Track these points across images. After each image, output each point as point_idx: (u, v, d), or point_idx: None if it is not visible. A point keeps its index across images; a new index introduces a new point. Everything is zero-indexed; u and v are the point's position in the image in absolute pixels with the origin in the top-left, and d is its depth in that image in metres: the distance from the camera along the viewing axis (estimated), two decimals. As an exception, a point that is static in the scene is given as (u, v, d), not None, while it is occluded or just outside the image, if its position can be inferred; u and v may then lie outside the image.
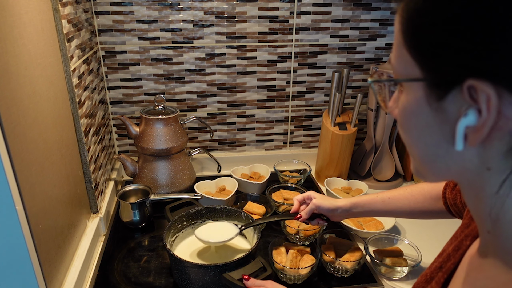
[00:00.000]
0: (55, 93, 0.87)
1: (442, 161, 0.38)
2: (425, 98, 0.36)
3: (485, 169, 0.36)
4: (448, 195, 0.78)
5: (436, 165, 0.40)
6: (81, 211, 1.02)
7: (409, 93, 0.38)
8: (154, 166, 1.27)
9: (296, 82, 1.45)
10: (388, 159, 1.41)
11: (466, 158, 0.37)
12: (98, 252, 1.06)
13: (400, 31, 0.37)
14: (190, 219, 1.08)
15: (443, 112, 0.36)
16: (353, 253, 0.97)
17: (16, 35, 0.69)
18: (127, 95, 1.38)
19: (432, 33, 0.34)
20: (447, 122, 0.36)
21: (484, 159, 0.36)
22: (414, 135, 0.40)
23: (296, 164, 1.46)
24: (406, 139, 0.42)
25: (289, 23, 1.36)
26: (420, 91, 0.37)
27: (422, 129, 0.38)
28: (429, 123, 0.37)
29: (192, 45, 1.34)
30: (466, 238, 0.52)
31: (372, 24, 1.40)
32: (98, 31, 1.28)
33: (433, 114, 0.36)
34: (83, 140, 1.01)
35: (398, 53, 0.38)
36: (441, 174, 0.41)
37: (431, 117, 0.37)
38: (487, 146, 0.35)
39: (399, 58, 0.39)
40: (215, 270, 0.87)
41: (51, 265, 0.79)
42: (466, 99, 0.33)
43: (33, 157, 0.73)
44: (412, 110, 0.38)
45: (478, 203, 0.40)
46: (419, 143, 0.40)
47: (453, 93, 0.34)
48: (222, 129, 1.48)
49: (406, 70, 0.38)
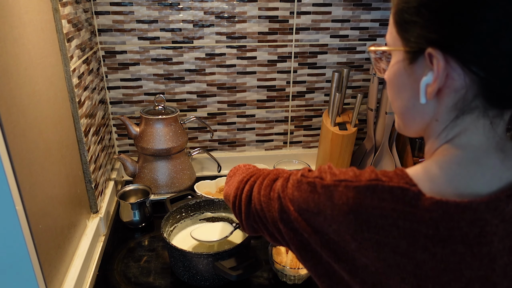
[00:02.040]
0: (55, 93, 0.87)
1: (411, 113, 0.52)
2: (402, 63, 0.50)
3: (434, 120, 0.49)
4: None
5: (407, 116, 0.53)
6: (81, 211, 1.02)
7: (393, 60, 0.52)
8: (154, 166, 1.27)
9: (296, 82, 1.45)
10: (388, 159, 1.41)
11: (425, 111, 0.49)
12: (98, 252, 1.06)
13: (391, 13, 0.51)
14: (189, 210, 1.11)
15: (414, 74, 0.48)
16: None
17: (16, 35, 0.69)
18: (127, 95, 1.38)
19: (407, 13, 0.46)
20: (416, 81, 0.48)
21: (435, 112, 0.48)
22: (395, 91, 0.53)
23: (296, 164, 1.45)
24: (390, 95, 0.54)
25: (289, 23, 1.36)
26: (399, 58, 0.50)
27: (400, 86, 0.51)
28: (404, 82, 0.50)
29: (192, 45, 1.34)
30: None
31: (372, 24, 1.40)
32: (98, 31, 1.27)
33: (407, 75, 0.49)
34: (83, 140, 1.01)
35: (390, 31, 0.52)
36: (410, 125, 0.53)
37: (406, 77, 0.50)
38: (440, 101, 0.47)
39: (390, 35, 0.52)
40: (207, 258, 0.90)
41: (51, 265, 0.79)
42: (427, 63, 0.46)
43: (33, 157, 0.73)
44: (395, 72, 0.51)
45: (426, 145, 0.53)
46: (398, 98, 0.53)
47: (420, 59, 0.47)
48: (222, 129, 1.48)
49: (394, 43, 0.51)
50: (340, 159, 1.37)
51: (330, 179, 0.50)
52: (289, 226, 0.53)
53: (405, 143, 1.42)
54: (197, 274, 0.93)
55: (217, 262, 0.89)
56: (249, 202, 0.64)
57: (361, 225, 0.46)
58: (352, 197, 0.47)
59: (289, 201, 0.53)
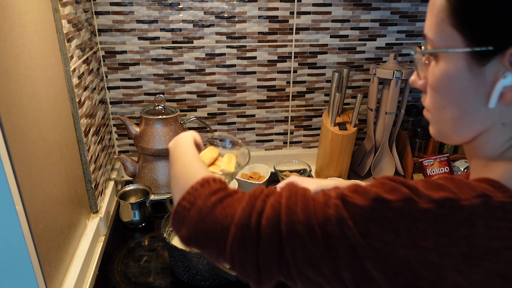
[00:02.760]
0: (55, 93, 0.87)
1: (469, 119, 0.46)
2: (466, 65, 0.44)
3: (499, 124, 0.45)
4: None
5: (463, 123, 0.47)
6: (81, 211, 1.02)
7: (448, 62, 0.46)
8: (154, 166, 1.27)
9: (296, 82, 1.45)
10: (388, 159, 1.41)
11: (488, 116, 0.45)
12: (98, 252, 1.06)
13: (445, 10, 0.45)
14: None
15: (481, 76, 0.43)
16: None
17: (16, 35, 0.69)
18: (127, 95, 1.38)
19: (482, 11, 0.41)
20: (483, 84, 0.43)
21: (503, 116, 0.45)
22: (450, 97, 0.47)
23: (296, 164, 1.45)
24: (440, 101, 0.48)
25: (289, 23, 1.36)
26: (460, 59, 0.44)
27: (458, 91, 0.46)
28: (465, 85, 0.45)
29: (192, 45, 1.34)
30: None
31: (372, 24, 1.40)
32: (98, 31, 1.27)
33: (471, 77, 0.44)
34: (83, 140, 1.01)
35: (439, 29, 0.46)
36: (464, 132, 0.48)
37: (469, 81, 0.44)
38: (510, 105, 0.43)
39: (439, 33, 0.46)
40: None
41: (51, 265, 0.79)
42: (505, 64, 0.41)
43: (33, 157, 0.73)
44: (451, 75, 0.45)
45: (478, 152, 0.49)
46: (453, 104, 0.47)
47: (494, 60, 0.42)
48: (222, 129, 1.48)
49: (447, 42, 0.45)
50: (340, 159, 1.37)
51: (426, 200, 0.40)
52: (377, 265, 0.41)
53: (405, 143, 1.42)
54: (197, 274, 0.93)
55: None
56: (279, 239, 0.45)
57: (470, 253, 0.39)
58: (462, 221, 0.39)
59: (373, 240, 0.40)
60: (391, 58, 1.30)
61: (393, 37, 1.43)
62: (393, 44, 1.44)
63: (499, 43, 0.41)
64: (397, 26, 1.41)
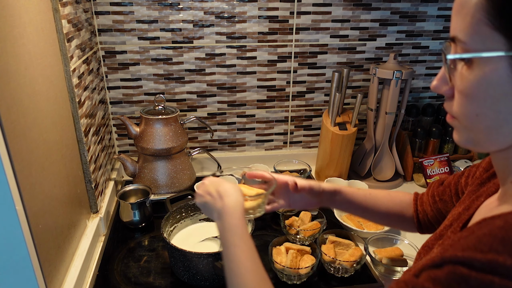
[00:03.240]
0: (55, 93, 0.87)
1: (509, 128, 0.43)
2: (508, 69, 0.40)
3: None
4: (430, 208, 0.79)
5: (500, 131, 0.44)
6: (81, 211, 1.02)
7: (486, 66, 0.42)
8: (154, 166, 1.27)
9: (296, 82, 1.45)
10: (388, 159, 1.41)
11: None
12: (98, 252, 1.06)
13: (484, 10, 0.41)
14: (189, 210, 1.11)
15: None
16: (353, 253, 0.97)
17: (16, 35, 0.69)
18: (127, 95, 1.38)
19: None
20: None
21: None
22: (487, 104, 0.43)
23: (296, 164, 1.45)
24: (474, 109, 0.44)
25: (289, 23, 1.36)
26: (502, 64, 0.41)
27: (498, 98, 0.42)
28: (506, 91, 0.41)
29: (192, 45, 1.34)
30: (478, 198, 0.57)
31: (372, 24, 1.40)
32: (98, 31, 1.28)
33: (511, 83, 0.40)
34: (83, 140, 1.01)
35: (475, 30, 0.42)
36: (499, 141, 0.45)
37: (510, 86, 0.41)
38: None
39: (475, 35, 0.42)
40: (207, 258, 0.90)
41: (51, 265, 0.79)
42: None
43: (33, 157, 0.73)
44: (489, 81, 0.42)
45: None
46: (491, 112, 0.43)
47: None
48: (222, 129, 1.48)
49: (485, 45, 0.41)
50: (340, 159, 1.37)
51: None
52: None
53: (405, 143, 1.42)
54: (197, 274, 0.93)
55: (217, 262, 0.89)
56: None
57: None
58: None
59: None
60: (391, 58, 1.30)
61: (393, 37, 1.43)
62: (393, 44, 1.44)
63: None
64: (397, 26, 1.41)
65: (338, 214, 1.16)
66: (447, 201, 0.76)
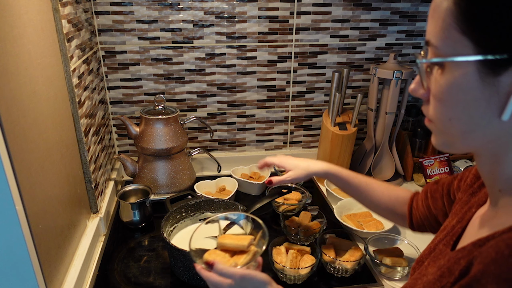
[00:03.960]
0: (55, 93, 0.87)
1: (481, 132, 0.43)
2: (477, 74, 0.40)
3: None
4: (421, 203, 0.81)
5: (474, 135, 0.44)
6: (81, 211, 1.02)
7: (456, 71, 0.42)
8: (154, 166, 1.27)
9: (296, 82, 1.45)
10: (388, 159, 1.41)
11: (502, 128, 0.42)
12: (98, 252, 1.06)
13: (453, 15, 0.41)
14: (189, 210, 1.11)
15: (495, 86, 0.40)
16: (353, 253, 0.97)
17: (16, 35, 0.69)
18: (127, 95, 1.38)
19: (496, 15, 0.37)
20: (496, 94, 0.40)
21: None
22: (459, 109, 0.43)
23: (296, 164, 1.45)
24: (447, 113, 0.45)
25: (289, 23, 1.36)
26: (471, 68, 0.40)
27: (468, 102, 0.42)
28: (476, 96, 0.41)
29: (192, 45, 1.34)
30: (470, 209, 0.57)
31: (372, 24, 1.40)
32: (98, 31, 1.28)
33: (482, 88, 0.40)
34: (83, 140, 1.01)
35: (445, 35, 0.42)
36: (473, 144, 0.45)
37: (480, 91, 0.41)
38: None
39: (446, 40, 0.42)
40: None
41: (51, 265, 0.79)
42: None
43: (33, 157, 0.73)
44: (460, 85, 0.42)
45: (496, 166, 0.46)
46: (463, 116, 0.43)
47: (510, 69, 0.38)
48: (222, 129, 1.48)
49: (455, 50, 0.41)
50: (340, 159, 1.37)
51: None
52: None
53: (405, 143, 1.42)
54: (197, 274, 0.92)
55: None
56: None
57: None
58: None
59: None
60: (391, 58, 1.30)
61: (393, 37, 1.43)
62: (393, 44, 1.44)
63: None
64: (397, 26, 1.41)
65: (338, 214, 1.16)
66: (437, 199, 0.77)
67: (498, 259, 0.39)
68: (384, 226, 1.12)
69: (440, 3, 0.42)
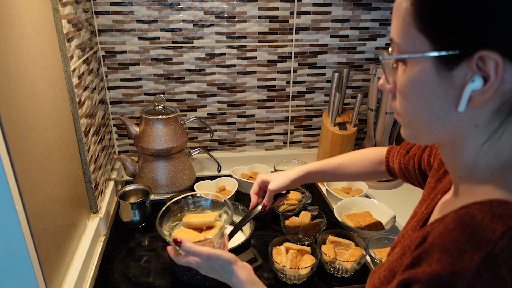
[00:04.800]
0: (55, 93, 0.87)
1: (440, 122, 0.46)
2: (434, 69, 0.43)
3: (472, 126, 0.45)
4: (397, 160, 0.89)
5: (434, 126, 0.47)
6: (81, 211, 1.02)
7: (416, 66, 0.45)
8: (154, 166, 1.27)
9: (296, 82, 1.45)
10: (388, 159, 1.41)
11: (459, 118, 0.45)
12: (98, 252, 1.06)
13: (410, 14, 0.44)
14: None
15: (450, 80, 0.43)
16: (353, 253, 0.97)
17: (16, 35, 0.69)
18: (127, 95, 1.38)
19: (447, 14, 0.40)
20: (452, 88, 0.43)
21: (474, 118, 0.44)
22: (420, 102, 0.46)
23: (296, 164, 1.45)
24: (410, 106, 0.48)
25: (289, 23, 1.36)
26: (428, 64, 0.43)
27: (428, 96, 0.45)
28: (434, 90, 0.44)
29: (192, 45, 1.34)
30: (436, 195, 0.61)
31: (372, 24, 1.40)
32: (98, 31, 1.28)
33: (439, 82, 0.43)
34: (83, 140, 1.01)
35: (405, 33, 0.45)
36: (435, 134, 0.48)
37: (438, 85, 0.44)
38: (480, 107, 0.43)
39: (406, 38, 0.45)
40: None
41: (51, 265, 0.79)
42: (473, 68, 0.41)
43: (33, 157, 0.73)
44: (419, 80, 0.45)
45: (456, 155, 0.50)
46: (424, 109, 0.46)
47: (462, 64, 0.41)
48: (222, 129, 1.48)
49: (414, 47, 0.44)
50: (340, 159, 1.37)
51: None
52: None
53: (405, 143, 1.42)
54: (197, 274, 0.93)
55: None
56: None
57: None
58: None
59: None
60: (391, 58, 1.29)
61: (393, 37, 1.43)
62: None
63: (466, 47, 0.41)
64: (397, 26, 1.41)
65: (338, 214, 1.16)
66: (410, 171, 0.85)
67: (444, 233, 0.44)
68: (384, 226, 1.12)
69: (400, 3, 0.45)
